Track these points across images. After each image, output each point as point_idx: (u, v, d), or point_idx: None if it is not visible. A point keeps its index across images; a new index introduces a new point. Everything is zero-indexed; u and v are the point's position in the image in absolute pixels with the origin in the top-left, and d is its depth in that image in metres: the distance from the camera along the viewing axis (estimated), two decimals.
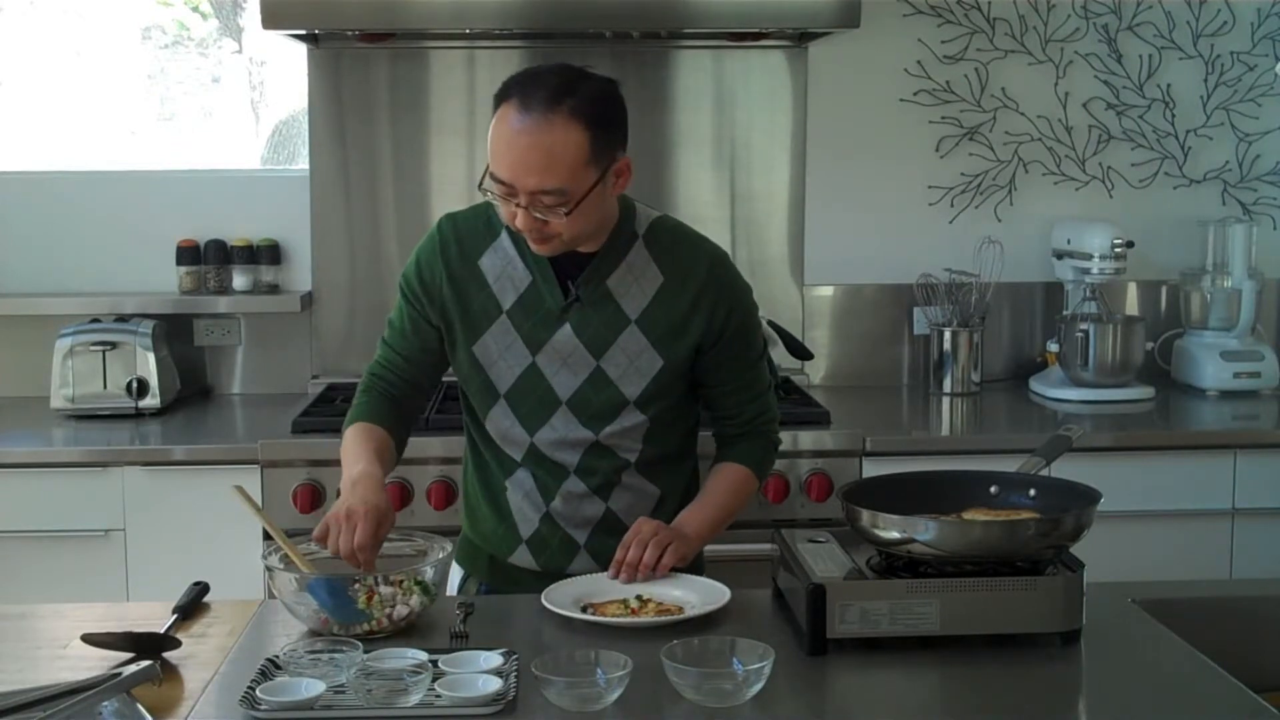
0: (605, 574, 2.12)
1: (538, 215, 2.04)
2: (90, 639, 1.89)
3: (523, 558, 2.27)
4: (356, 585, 1.93)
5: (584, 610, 2.00)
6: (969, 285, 3.72)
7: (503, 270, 2.19)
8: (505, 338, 2.19)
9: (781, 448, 2.75)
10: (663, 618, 1.97)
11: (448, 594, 2.27)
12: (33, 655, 1.94)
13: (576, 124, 2.00)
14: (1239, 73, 3.84)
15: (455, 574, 2.38)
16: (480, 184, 2.07)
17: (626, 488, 2.25)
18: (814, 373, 3.80)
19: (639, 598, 2.04)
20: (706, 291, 2.20)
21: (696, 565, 2.34)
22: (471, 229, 2.23)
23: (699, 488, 2.33)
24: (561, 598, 2.03)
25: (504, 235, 2.20)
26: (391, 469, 2.27)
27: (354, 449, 2.21)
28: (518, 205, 2.03)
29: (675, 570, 2.12)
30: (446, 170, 3.72)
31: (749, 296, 2.28)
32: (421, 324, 2.25)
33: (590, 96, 2.03)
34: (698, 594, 2.05)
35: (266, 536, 2.09)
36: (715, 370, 2.25)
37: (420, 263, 2.24)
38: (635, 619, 1.97)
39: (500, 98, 2.05)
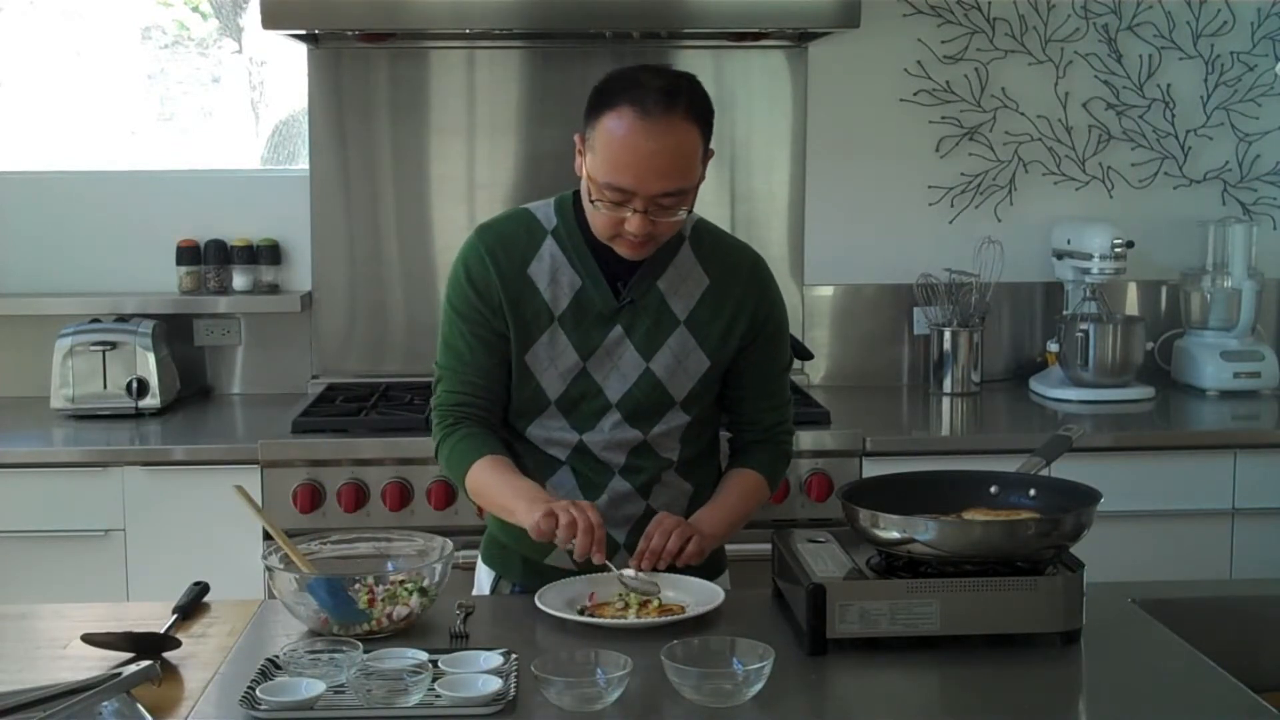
0: (600, 575, 2.12)
1: (654, 218, 2.05)
2: (90, 639, 1.89)
3: (560, 558, 2.22)
4: (357, 585, 1.93)
5: (581, 612, 2.00)
6: (969, 285, 3.72)
7: (553, 276, 2.18)
8: (556, 345, 2.18)
9: None
10: (665, 617, 1.96)
11: (474, 595, 2.25)
12: (33, 655, 1.94)
13: (691, 122, 2.04)
14: (1239, 73, 3.84)
15: (485, 575, 2.36)
16: (591, 198, 2.07)
17: (666, 485, 2.26)
18: (814, 373, 3.80)
19: (636, 595, 2.04)
20: (750, 293, 2.23)
21: (719, 565, 2.35)
22: (513, 237, 2.21)
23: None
24: (555, 599, 2.03)
25: (549, 241, 2.19)
26: None
27: (504, 479, 2.13)
28: (634, 210, 2.04)
29: (671, 570, 2.12)
30: (446, 170, 3.72)
31: (783, 304, 2.31)
32: (488, 337, 2.20)
33: (694, 92, 2.06)
34: (692, 595, 2.05)
35: (267, 536, 2.09)
36: (745, 374, 2.27)
37: (470, 274, 2.20)
38: (635, 620, 1.97)
39: (605, 103, 2.04)
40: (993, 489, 2.06)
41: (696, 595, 2.04)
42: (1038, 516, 1.93)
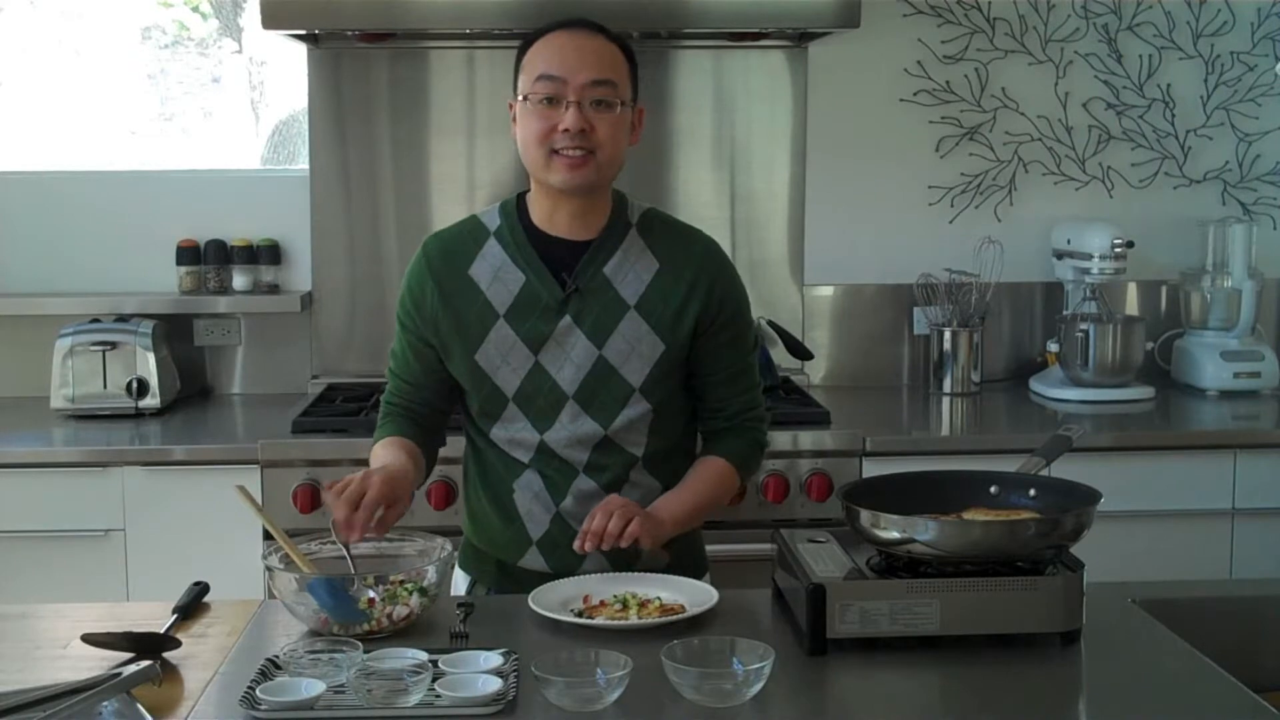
0: (596, 575, 2.13)
1: (587, 116, 2.12)
2: (90, 639, 1.89)
3: (534, 560, 2.26)
4: (356, 585, 1.93)
5: (579, 615, 2.00)
6: (969, 285, 3.72)
7: (495, 275, 2.21)
8: (505, 341, 2.20)
9: (781, 448, 2.76)
10: (664, 618, 1.96)
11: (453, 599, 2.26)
12: (33, 655, 1.94)
13: (618, 47, 2.19)
14: (1239, 73, 3.84)
15: (461, 580, 2.37)
16: (524, 98, 2.15)
17: (635, 484, 2.25)
18: (814, 373, 3.80)
19: (634, 596, 2.04)
20: (702, 276, 2.23)
21: (700, 566, 2.35)
22: (457, 240, 2.26)
23: None
24: (549, 600, 2.03)
25: (491, 241, 2.23)
26: (422, 476, 2.27)
27: (379, 454, 2.23)
28: (568, 105, 2.12)
29: (669, 571, 2.13)
30: (446, 170, 3.72)
31: (741, 286, 2.32)
32: (420, 347, 2.28)
33: (620, 37, 2.21)
34: (686, 596, 2.05)
35: (267, 536, 2.09)
36: (707, 357, 2.26)
37: (410, 285, 2.28)
38: (634, 620, 1.97)
39: (532, 39, 2.19)
40: (993, 489, 2.05)
41: (691, 595, 2.04)
42: (1038, 516, 1.93)
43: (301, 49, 3.66)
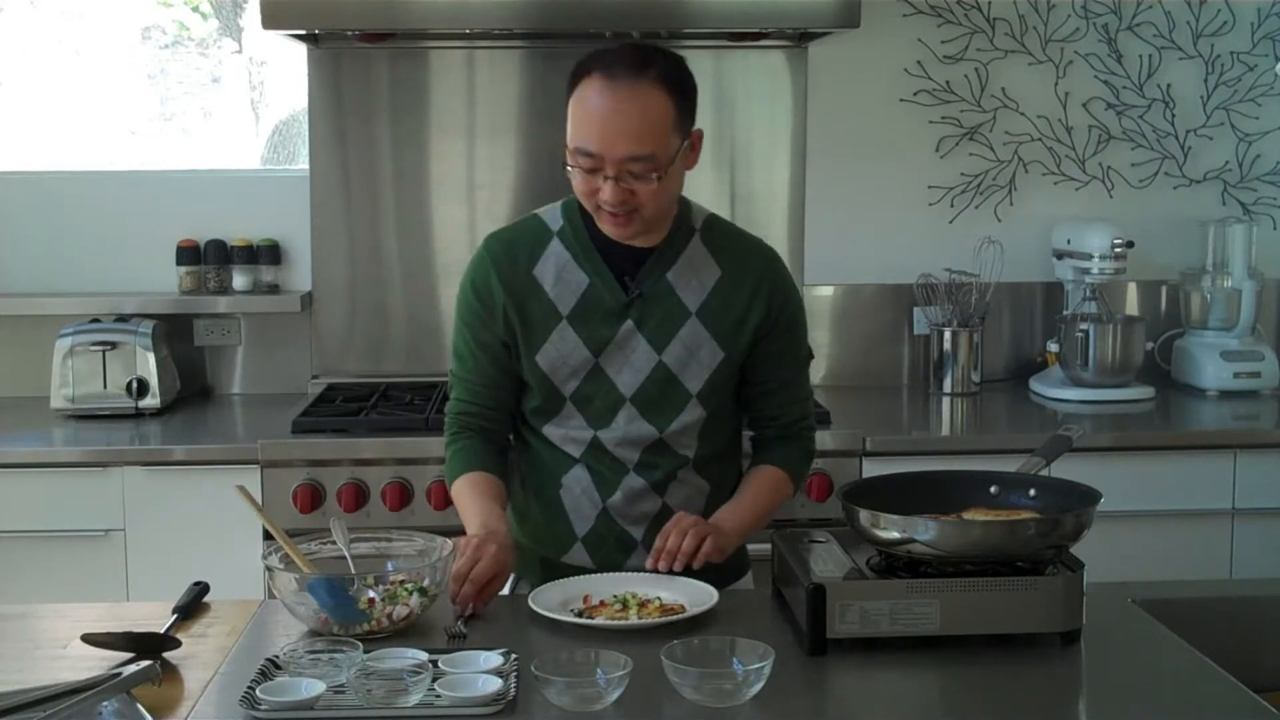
0: (594, 575, 2.13)
1: (626, 186, 2.06)
2: (90, 639, 1.89)
3: (578, 556, 2.26)
4: (356, 585, 1.93)
5: (579, 615, 2.00)
6: (969, 285, 3.72)
7: (558, 276, 2.20)
8: (567, 343, 2.20)
9: None
10: (664, 618, 1.96)
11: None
12: (33, 655, 1.94)
13: (662, 90, 2.06)
14: (1239, 73, 3.84)
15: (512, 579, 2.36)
16: (564, 164, 2.10)
17: (683, 483, 2.26)
18: (814, 373, 3.77)
19: (634, 596, 2.04)
20: (763, 284, 2.23)
21: (742, 566, 2.35)
22: (520, 240, 2.24)
23: None
24: (549, 600, 2.03)
25: (554, 242, 2.21)
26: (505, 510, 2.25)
27: (474, 499, 2.21)
28: (606, 178, 2.06)
29: (688, 572, 2.13)
30: (446, 170, 3.72)
31: (799, 297, 2.32)
32: (494, 346, 2.24)
33: (670, 64, 2.09)
34: (686, 596, 2.05)
35: (267, 536, 2.09)
36: (762, 367, 2.26)
37: (474, 283, 2.24)
38: (635, 620, 1.97)
39: (578, 75, 2.08)
40: (993, 489, 2.05)
41: (691, 595, 2.04)
42: (1038, 516, 1.93)
43: (301, 49, 3.66)
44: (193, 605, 2.10)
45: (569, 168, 2.10)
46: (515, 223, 2.30)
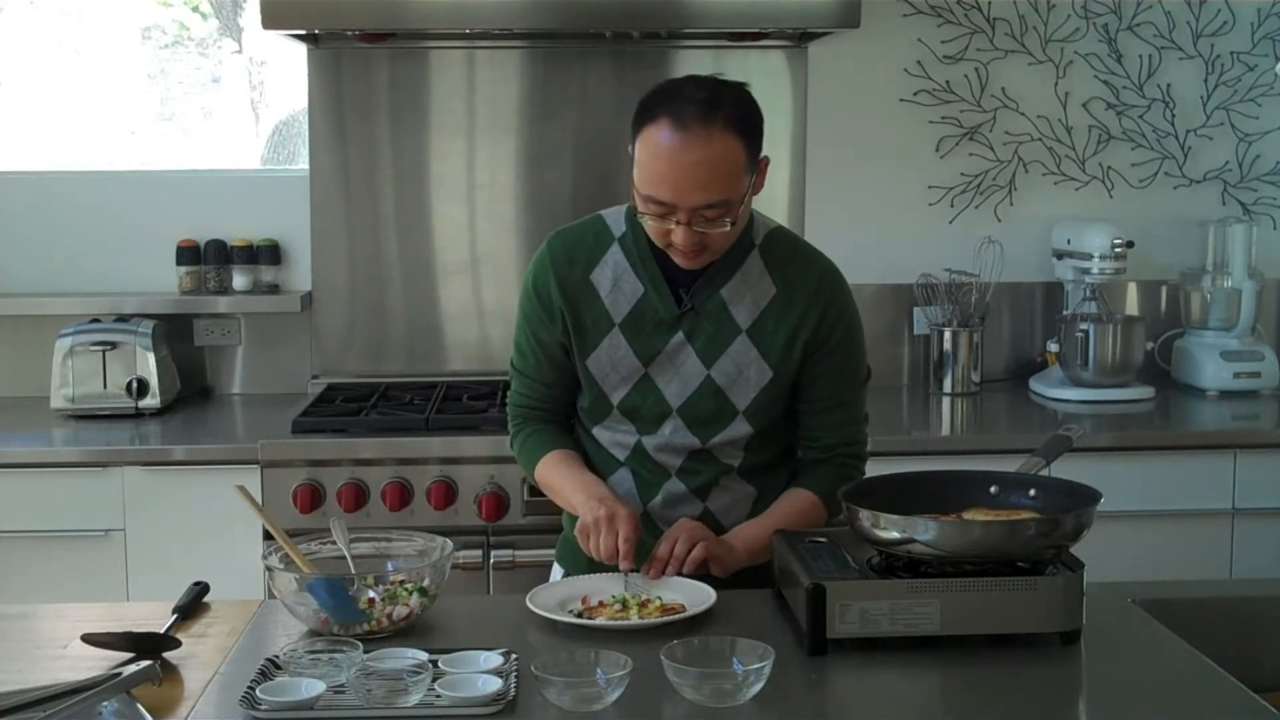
0: (593, 575, 2.13)
1: (699, 230, 2.04)
2: (90, 639, 1.89)
3: None
4: (356, 585, 1.93)
5: (578, 615, 2.00)
6: (969, 285, 3.72)
7: (615, 283, 2.20)
8: (617, 350, 2.20)
9: None
10: (664, 618, 1.96)
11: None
12: (33, 655, 1.94)
13: (732, 134, 2.02)
14: (1239, 73, 3.84)
15: (556, 573, 2.37)
16: (634, 210, 2.08)
17: (725, 489, 2.26)
18: None
19: (633, 595, 2.04)
20: (816, 302, 2.20)
21: (765, 582, 2.32)
22: (581, 243, 2.23)
23: None
24: (548, 601, 2.03)
25: (615, 247, 2.21)
26: None
27: (566, 474, 2.22)
28: (677, 222, 2.04)
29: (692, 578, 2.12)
30: (446, 170, 3.72)
31: (856, 316, 2.27)
32: (548, 341, 2.25)
33: (737, 103, 2.05)
34: (686, 596, 2.04)
35: (267, 536, 2.09)
36: (807, 384, 2.23)
37: (535, 281, 2.24)
38: (635, 620, 1.97)
39: (645, 117, 2.04)
40: (993, 489, 2.05)
41: (691, 595, 2.04)
42: (1038, 516, 1.93)
43: (301, 49, 3.66)
44: (193, 605, 2.09)
45: (639, 214, 2.08)
46: (579, 222, 2.28)
